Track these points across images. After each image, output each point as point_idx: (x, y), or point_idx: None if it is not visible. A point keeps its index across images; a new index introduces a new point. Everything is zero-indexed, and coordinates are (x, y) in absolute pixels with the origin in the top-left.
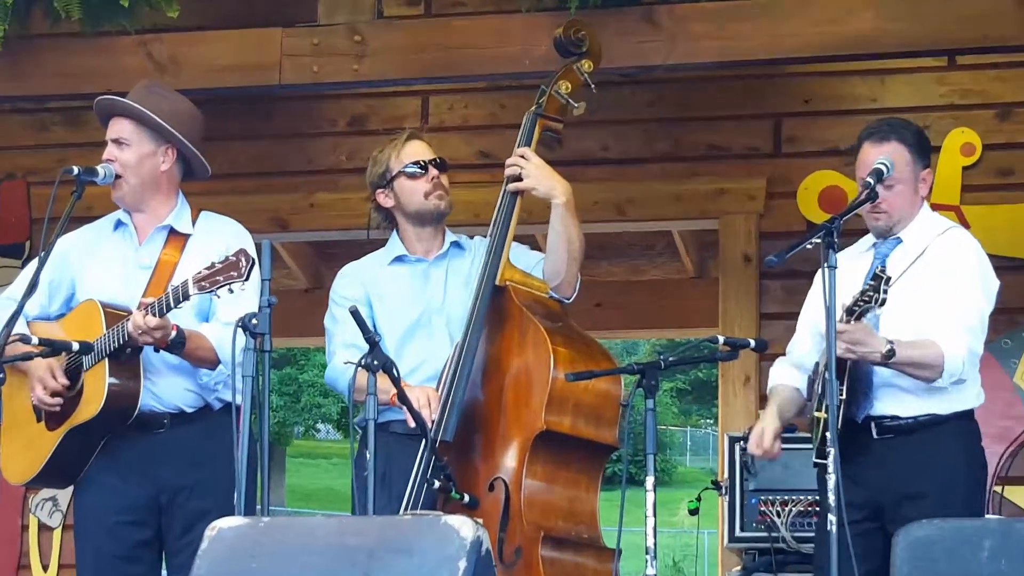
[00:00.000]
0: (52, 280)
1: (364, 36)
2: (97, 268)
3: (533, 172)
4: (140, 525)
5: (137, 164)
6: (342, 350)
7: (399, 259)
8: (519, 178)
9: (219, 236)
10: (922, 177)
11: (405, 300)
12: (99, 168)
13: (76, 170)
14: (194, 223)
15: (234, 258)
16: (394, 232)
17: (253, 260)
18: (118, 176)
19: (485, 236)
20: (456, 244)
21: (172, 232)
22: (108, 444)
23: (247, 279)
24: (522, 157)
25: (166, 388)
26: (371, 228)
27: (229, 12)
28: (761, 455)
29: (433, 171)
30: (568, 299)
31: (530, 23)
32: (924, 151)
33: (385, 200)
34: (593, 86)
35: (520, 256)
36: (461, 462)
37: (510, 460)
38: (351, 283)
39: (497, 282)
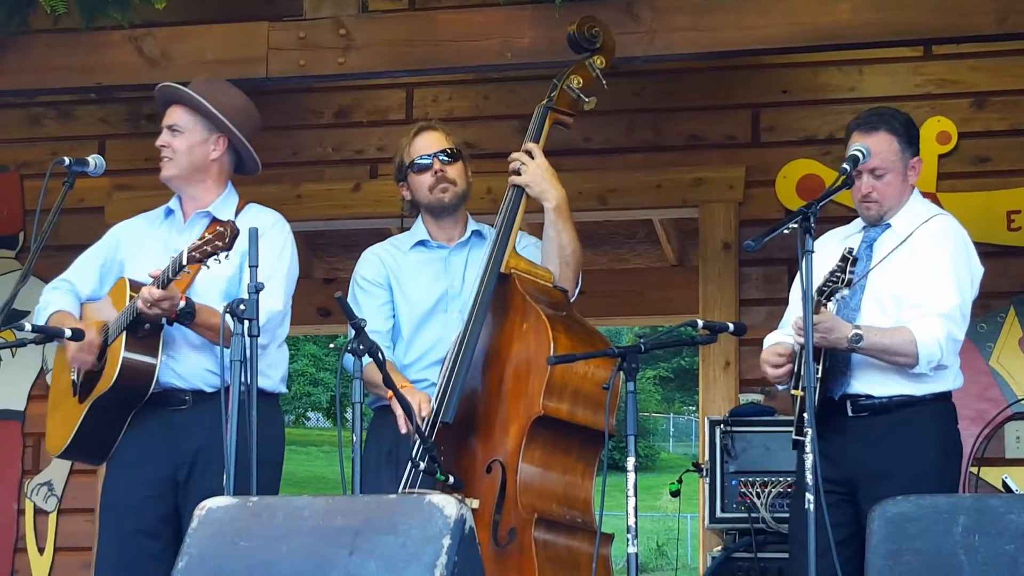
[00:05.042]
0: (104, 263)
1: (349, 30)
2: (142, 253)
3: (531, 170)
4: (160, 500)
5: (188, 151)
6: None
7: (421, 243)
8: (519, 172)
9: (252, 224)
10: (911, 165)
11: (424, 285)
12: (90, 159)
13: (67, 161)
14: (238, 214)
15: (221, 228)
16: (419, 217)
17: (237, 231)
18: (168, 158)
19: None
20: (478, 233)
21: (213, 220)
22: (135, 420)
23: (230, 248)
24: (527, 153)
25: (187, 366)
26: (404, 216)
27: (216, 7)
28: (781, 362)
29: (436, 164)
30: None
31: (512, 16)
32: (913, 139)
33: (405, 193)
34: (604, 82)
35: (529, 251)
36: (460, 444)
37: (508, 444)
38: (373, 265)
39: (502, 270)
